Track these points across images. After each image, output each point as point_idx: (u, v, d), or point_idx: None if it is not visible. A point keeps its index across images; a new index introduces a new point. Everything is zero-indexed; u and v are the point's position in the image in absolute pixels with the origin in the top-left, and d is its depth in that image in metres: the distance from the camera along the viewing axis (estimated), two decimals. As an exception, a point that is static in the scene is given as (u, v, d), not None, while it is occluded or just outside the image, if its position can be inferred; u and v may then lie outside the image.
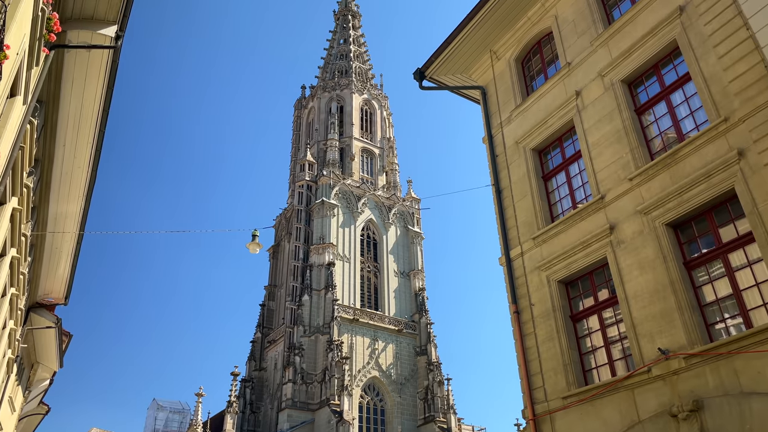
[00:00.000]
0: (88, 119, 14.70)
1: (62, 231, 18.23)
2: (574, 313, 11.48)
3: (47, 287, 21.30)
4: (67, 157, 15.62)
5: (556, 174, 12.81)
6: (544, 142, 13.10)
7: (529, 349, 11.74)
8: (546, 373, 11.24)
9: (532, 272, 12.22)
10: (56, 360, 23.95)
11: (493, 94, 14.90)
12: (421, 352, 61.22)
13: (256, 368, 62.45)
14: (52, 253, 19.29)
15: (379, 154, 76.04)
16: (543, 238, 12.16)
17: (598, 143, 11.58)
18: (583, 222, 11.40)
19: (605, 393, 10.00)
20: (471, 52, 15.37)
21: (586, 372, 10.91)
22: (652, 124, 11.00)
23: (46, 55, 11.98)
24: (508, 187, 13.49)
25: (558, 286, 11.64)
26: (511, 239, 12.96)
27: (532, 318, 11.89)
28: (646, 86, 11.32)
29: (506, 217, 13.25)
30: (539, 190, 12.76)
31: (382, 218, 69.30)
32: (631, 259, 10.26)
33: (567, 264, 11.48)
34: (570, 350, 11.00)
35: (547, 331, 11.46)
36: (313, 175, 68.73)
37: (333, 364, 53.71)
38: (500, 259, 13.13)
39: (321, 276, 60.89)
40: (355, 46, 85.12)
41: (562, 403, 10.71)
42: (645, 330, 9.69)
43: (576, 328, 11.33)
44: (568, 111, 12.46)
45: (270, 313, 67.19)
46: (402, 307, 64.30)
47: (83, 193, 16.76)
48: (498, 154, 14.11)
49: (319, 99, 78.62)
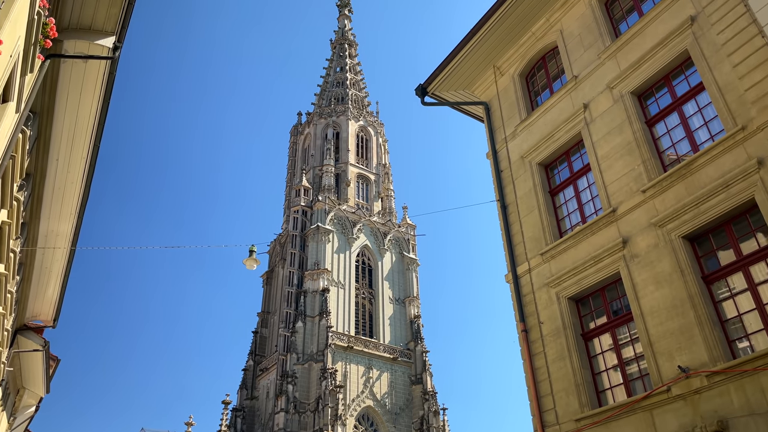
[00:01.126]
0: (83, 134, 14.32)
1: (53, 246, 17.65)
2: (585, 331, 11.02)
3: (35, 309, 20.65)
4: (59, 172, 15.18)
5: (564, 188, 12.49)
6: (551, 156, 12.81)
7: (538, 370, 11.25)
8: (557, 394, 10.73)
9: (540, 289, 11.79)
10: (43, 385, 23.13)
11: (497, 109, 14.67)
12: (416, 381, 60.13)
13: (247, 397, 61.09)
14: (42, 273, 18.70)
15: (374, 180, 75.92)
16: (551, 253, 11.77)
17: (607, 156, 11.28)
18: (593, 236, 11.03)
19: (622, 414, 9.50)
20: (474, 68, 15.19)
21: (600, 393, 10.41)
22: (664, 135, 10.73)
23: (42, 63, 11.67)
24: (514, 202, 13.14)
25: (568, 303, 11.21)
26: (518, 255, 12.56)
27: (542, 337, 11.42)
28: (657, 98, 11.08)
29: (512, 232, 12.87)
30: (546, 205, 12.42)
31: (377, 244, 68.82)
32: (646, 274, 9.87)
33: (577, 280, 11.07)
34: (582, 370, 10.51)
35: (558, 350, 10.98)
36: (308, 201, 68.39)
37: (326, 393, 52.58)
38: (506, 276, 12.70)
39: (315, 302, 60.06)
40: (351, 74, 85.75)
41: (574, 426, 10.18)
42: (663, 347, 9.24)
43: (588, 347, 10.87)
44: (576, 124, 12.20)
45: (263, 341, 66.05)
46: (397, 335, 63.38)
47: (75, 210, 16.29)
48: (503, 169, 13.80)
49: (316, 125, 78.80)
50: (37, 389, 23.39)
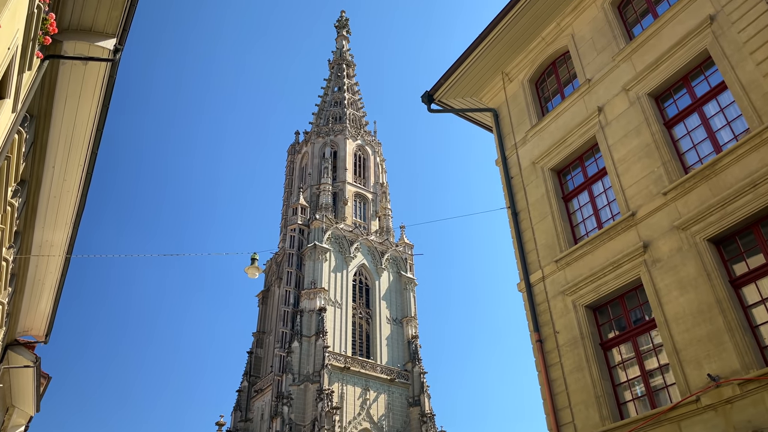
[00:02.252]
0: (80, 139, 13.91)
1: (48, 255, 17.05)
2: (604, 340, 10.55)
3: (27, 323, 20.02)
4: (56, 180, 14.73)
5: (578, 194, 12.11)
6: (564, 161, 12.45)
7: (554, 381, 10.74)
8: (575, 406, 10.21)
9: (555, 297, 11.34)
10: (33, 404, 22.38)
11: (506, 116, 14.36)
12: (414, 402, 59.10)
13: (241, 419, 59.86)
14: (35, 286, 18.12)
15: (372, 199, 75.61)
16: (567, 260, 11.34)
17: (624, 159, 10.93)
18: (611, 241, 10.62)
19: (647, 427, 8.99)
20: (481, 75, 14.92)
21: (621, 405, 9.90)
22: (684, 137, 10.39)
23: (40, 63, 11.32)
24: (526, 209, 12.75)
25: (586, 312, 10.75)
26: (531, 263, 12.12)
27: (557, 347, 10.93)
28: (675, 99, 10.77)
29: (524, 240, 12.45)
30: (560, 211, 12.03)
31: (374, 263, 68.22)
32: (669, 279, 9.44)
33: (595, 287, 10.63)
34: (602, 381, 10.01)
35: (575, 361, 10.49)
36: (305, 219, 67.91)
37: (323, 415, 51.53)
38: (519, 285, 12.26)
39: (312, 322, 59.22)
40: (349, 94, 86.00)
41: (596, 440, 9.65)
42: (690, 355, 8.78)
43: (607, 357, 10.38)
44: (590, 128, 11.87)
45: (258, 361, 64.98)
46: (394, 356, 62.46)
47: (71, 220, 15.80)
48: (513, 175, 13.43)
49: (313, 144, 78.69)
50: (26, 408, 22.60)
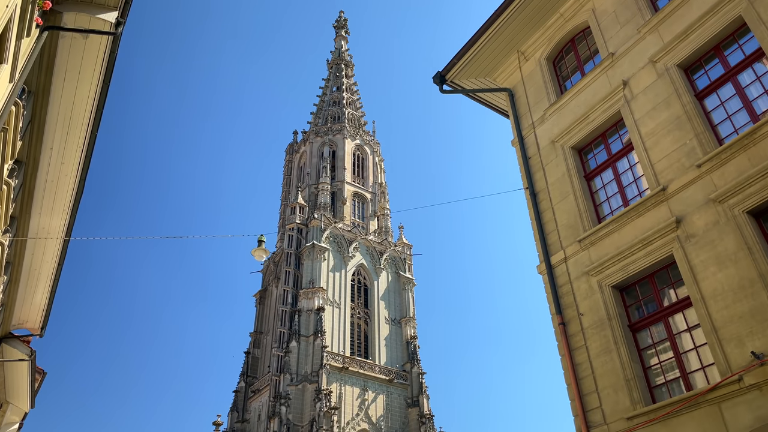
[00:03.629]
0: (80, 120, 13.32)
1: (46, 236, 16.36)
2: (632, 322, 10.04)
3: (22, 315, 19.37)
4: (53, 162, 14.13)
5: (601, 172, 11.61)
6: (586, 138, 11.96)
7: (579, 365, 10.21)
8: (603, 391, 9.69)
9: (578, 278, 10.83)
10: (27, 399, 21.71)
11: (522, 95, 13.87)
12: (412, 403, 58.50)
13: (238, 419, 59.12)
14: (30, 276, 17.47)
15: (370, 199, 75.10)
16: (591, 240, 10.84)
17: (653, 132, 10.45)
18: (640, 218, 10.12)
19: (683, 410, 8.47)
20: (496, 54, 14.43)
21: (653, 388, 9.39)
22: (717, 108, 9.91)
23: (39, 33, 10.78)
24: (545, 189, 12.25)
25: (612, 292, 10.24)
26: (552, 244, 11.61)
27: (582, 330, 10.42)
28: (706, 70, 10.30)
29: (544, 220, 11.95)
30: (582, 190, 11.53)
31: (373, 263, 67.66)
32: (705, 254, 8.94)
33: (623, 266, 10.12)
34: (632, 363, 9.50)
35: (602, 344, 9.97)
36: (303, 218, 67.32)
37: (321, 415, 50.87)
38: (539, 267, 11.74)
39: (310, 321, 58.58)
40: (347, 94, 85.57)
41: (626, 425, 9.12)
42: (730, 333, 8.27)
43: (636, 339, 9.87)
44: (614, 103, 11.39)
45: (255, 361, 64.27)
46: (393, 356, 61.86)
47: (69, 206, 15.19)
48: (531, 155, 12.94)
49: (312, 143, 78.17)
50: (21, 404, 21.93)
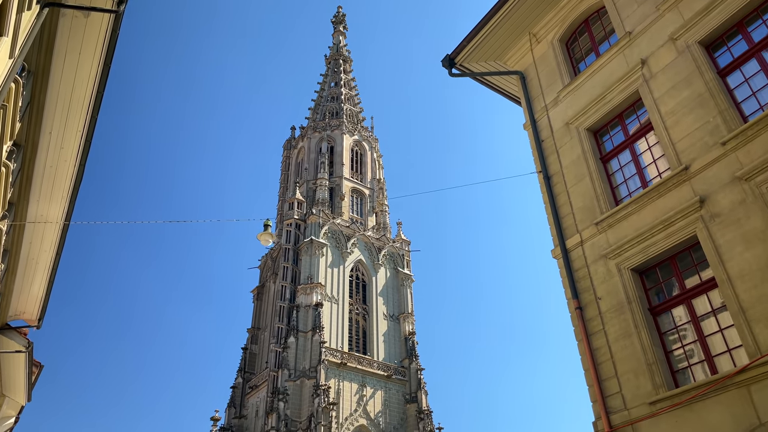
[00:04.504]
0: (80, 102, 12.94)
1: (44, 221, 15.95)
2: (653, 305, 9.75)
3: (19, 306, 18.97)
4: (52, 146, 13.74)
5: (618, 153, 11.32)
6: (602, 120, 11.67)
7: (598, 350, 9.93)
8: (623, 376, 9.41)
9: (596, 262, 10.54)
10: (24, 392, 21.32)
11: (534, 78, 13.57)
12: (411, 399, 58.25)
13: (236, 415, 58.77)
14: (28, 265, 17.07)
15: (369, 194, 74.77)
16: (609, 222, 10.55)
17: (674, 111, 10.16)
18: (661, 199, 9.83)
19: (709, 393, 8.19)
20: (506, 37, 14.12)
21: (675, 372, 9.11)
22: (741, 85, 9.63)
23: (40, 8, 10.43)
24: (559, 172, 11.96)
25: (632, 275, 9.95)
26: (567, 228, 11.32)
27: (600, 314, 10.13)
28: (729, 47, 10.02)
29: (559, 204, 11.66)
30: (599, 172, 11.25)
31: (371, 259, 67.34)
32: (731, 234, 8.67)
33: (643, 248, 9.84)
34: (654, 347, 9.21)
35: (622, 328, 9.69)
36: (302, 214, 66.94)
37: (319, 411, 50.54)
38: (553, 252, 11.45)
39: (308, 317, 58.24)
40: (346, 89, 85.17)
41: (648, 410, 8.84)
42: (759, 314, 7.99)
43: (657, 323, 9.58)
44: (632, 82, 11.10)
45: (252, 357, 63.92)
46: (391, 352, 61.60)
47: (68, 193, 14.80)
48: (544, 138, 12.64)
49: (310, 139, 77.76)
50: (17, 397, 21.54)
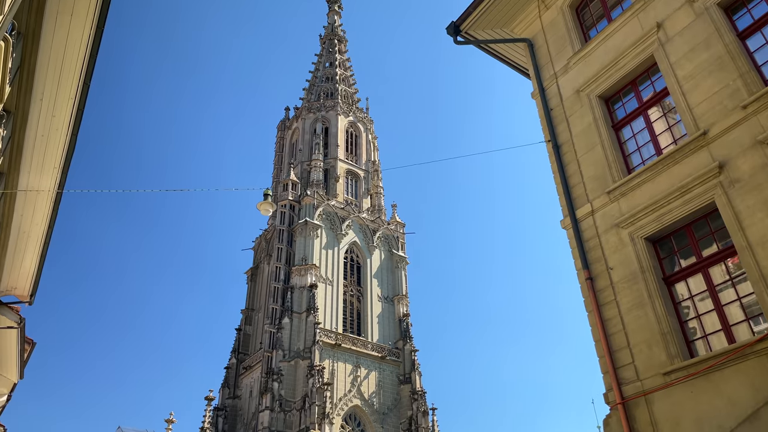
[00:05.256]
0: (71, 68, 12.41)
1: (34, 205, 15.51)
2: (667, 274, 9.49)
3: (11, 282, 18.52)
4: (44, 115, 13.22)
5: (631, 121, 11.00)
6: (614, 87, 11.32)
7: (609, 321, 9.68)
8: (635, 346, 9.17)
9: (607, 231, 10.26)
10: (16, 370, 20.95)
11: (543, 45, 13.18)
12: (404, 380, 58.41)
13: (230, 396, 58.74)
14: (19, 239, 16.58)
15: (363, 176, 74.32)
16: (621, 191, 10.25)
17: (691, 75, 9.82)
18: (677, 166, 9.53)
19: (728, 362, 7.96)
20: (513, 3, 13.69)
21: (691, 342, 8.88)
22: (763, 47, 9.29)
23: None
24: (569, 140, 11.63)
25: (645, 245, 9.68)
26: (577, 197, 11.02)
27: (611, 284, 9.87)
28: (749, 8, 9.67)
29: (568, 173, 11.34)
30: (611, 140, 10.92)
31: (366, 241, 67.12)
32: (752, 199, 8.38)
33: (657, 217, 9.55)
34: (668, 317, 8.96)
35: (635, 298, 9.44)
36: (296, 195, 66.49)
37: (314, 391, 50.56)
38: (563, 222, 11.16)
39: (302, 298, 58.07)
40: (341, 70, 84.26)
41: (662, 381, 8.61)
42: (781, 280, 7.73)
43: (672, 293, 9.33)
44: (647, 47, 10.74)
45: (246, 338, 63.80)
46: (385, 334, 61.65)
47: (60, 164, 14.30)
48: (553, 107, 12.29)
49: (304, 120, 77.01)
50: (9, 374, 21.17)
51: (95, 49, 12.13)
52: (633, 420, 8.81)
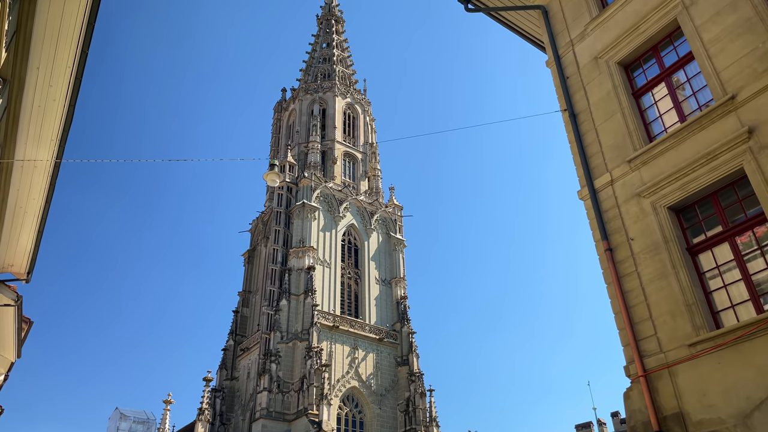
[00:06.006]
0: (69, 33, 11.87)
1: (31, 178, 15.01)
2: (691, 244, 9.20)
3: (7, 259, 18.09)
4: (40, 84, 12.71)
5: (652, 87, 10.64)
6: (634, 53, 10.95)
7: (630, 293, 9.40)
8: (658, 318, 8.90)
9: (628, 201, 9.94)
10: (13, 349, 20.62)
11: (558, 11, 12.77)
12: (402, 362, 58.46)
13: (227, 377, 58.72)
14: (16, 214, 16.10)
15: (361, 159, 73.79)
16: (643, 159, 9.92)
17: (717, 39, 9.46)
18: (703, 132, 9.20)
19: (757, 333, 7.70)
20: (528, -30, 13.24)
21: (716, 313, 8.61)
22: (793, 8, 8.92)
23: None
24: (587, 109, 11.27)
25: (668, 214, 9.37)
26: (595, 167, 10.69)
27: (632, 255, 9.58)
28: (779, -31, 9.28)
29: (586, 143, 11.00)
30: (631, 107, 10.57)
31: (364, 224, 66.81)
32: (784, 164, 8.08)
33: (681, 185, 9.24)
34: (693, 288, 8.68)
35: (657, 268, 9.15)
36: (293, 177, 65.96)
37: (312, 372, 50.51)
38: (580, 193, 10.84)
39: (300, 280, 57.83)
40: (338, 50, 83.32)
41: (688, 352, 8.36)
42: (816, 248, 7.45)
43: (696, 263, 9.05)
44: (670, 10, 10.35)
45: (243, 320, 63.67)
46: (383, 316, 61.59)
47: (57, 136, 13.82)
48: (569, 75, 11.91)
49: (301, 101, 76.22)
50: (6, 353, 20.83)
51: (93, 17, 11.64)
52: (655, 392, 8.57)
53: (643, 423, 8.55)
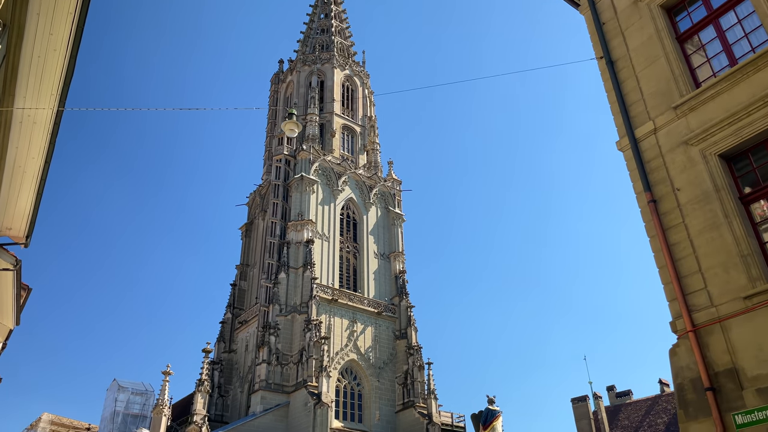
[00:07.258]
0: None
1: (30, 136, 14.26)
2: (744, 193, 8.68)
3: (5, 222, 17.39)
4: (40, 32, 11.90)
5: (699, 30, 10.02)
6: (679, -5, 10.31)
7: (676, 245, 8.89)
8: (708, 271, 8.41)
9: (673, 150, 9.38)
10: (12, 316, 20.04)
11: (593, -44, 12.05)
12: (400, 335, 58.42)
13: (225, 350, 58.59)
14: (15, 173, 15.36)
15: (360, 132, 72.89)
16: (690, 105, 9.35)
17: (776, -26, 8.83)
18: (759, 73, 8.62)
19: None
20: None
21: (773, 264, 8.13)
22: None
23: None
24: (626, 55, 10.64)
25: (719, 162, 8.83)
26: (636, 116, 10.10)
27: (679, 206, 9.05)
28: None
29: (625, 91, 10.40)
30: (676, 52, 9.95)
31: (362, 198, 66.23)
32: None
33: (735, 131, 8.68)
34: (748, 238, 8.18)
35: (707, 219, 8.63)
36: (291, 150, 65.05)
37: (311, 345, 50.33)
38: (619, 143, 10.27)
39: (299, 253, 57.38)
40: (336, 21, 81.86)
41: (743, 305, 7.88)
42: None
43: (750, 214, 8.53)
44: (721, -54, 9.70)
45: (241, 293, 63.37)
46: (382, 290, 61.38)
47: (58, 90, 13.05)
48: (606, 20, 11.25)
49: (299, 73, 74.99)
50: (5, 320, 20.24)
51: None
52: (705, 348, 8.12)
53: (691, 380, 8.12)
